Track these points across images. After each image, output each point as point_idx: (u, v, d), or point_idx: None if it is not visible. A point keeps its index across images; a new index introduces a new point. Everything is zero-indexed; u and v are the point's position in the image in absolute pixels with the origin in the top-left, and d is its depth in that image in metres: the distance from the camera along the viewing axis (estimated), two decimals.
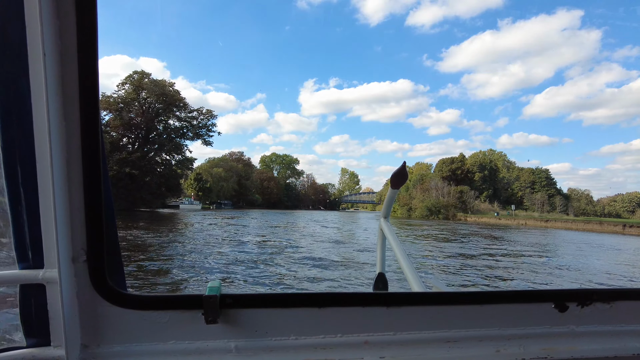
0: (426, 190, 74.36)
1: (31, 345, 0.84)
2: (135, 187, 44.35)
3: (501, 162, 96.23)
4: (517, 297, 0.97)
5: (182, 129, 52.55)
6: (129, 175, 43.52)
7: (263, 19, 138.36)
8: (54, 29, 0.74)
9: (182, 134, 52.58)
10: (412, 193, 76.51)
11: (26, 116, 0.75)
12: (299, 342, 0.90)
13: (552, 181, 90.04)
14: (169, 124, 51.96)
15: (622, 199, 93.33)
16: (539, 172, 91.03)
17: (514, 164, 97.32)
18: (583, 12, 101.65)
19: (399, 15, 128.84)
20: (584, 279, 11.58)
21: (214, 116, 53.86)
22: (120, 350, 0.87)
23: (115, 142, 45.61)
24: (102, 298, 0.86)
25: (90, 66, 0.77)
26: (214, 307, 0.86)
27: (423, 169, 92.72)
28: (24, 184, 0.78)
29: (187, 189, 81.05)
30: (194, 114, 52.67)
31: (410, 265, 1.51)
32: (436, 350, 0.92)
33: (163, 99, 48.58)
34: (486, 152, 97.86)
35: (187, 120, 52.23)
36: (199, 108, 53.05)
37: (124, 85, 47.90)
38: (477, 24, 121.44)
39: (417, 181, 79.68)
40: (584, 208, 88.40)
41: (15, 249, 0.81)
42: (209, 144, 53.97)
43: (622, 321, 0.99)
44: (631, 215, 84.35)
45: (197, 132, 53.03)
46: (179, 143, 52.34)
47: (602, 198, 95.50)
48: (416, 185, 77.53)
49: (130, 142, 49.52)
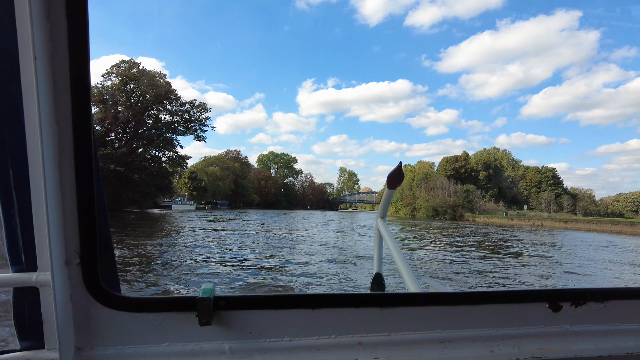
0: (430, 190, 71.25)
1: (25, 348, 0.84)
2: (121, 185, 40.69)
3: (506, 160, 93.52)
4: (511, 297, 0.97)
5: (173, 124, 48.55)
6: (114, 172, 39.88)
7: (262, 19, 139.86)
8: (44, 32, 0.73)
9: (173, 128, 48.51)
10: (416, 192, 73.40)
11: (18, 119, 0.74)
12: (293, 343, 0.90)
13: (558, 180, 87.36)
14: (159, 118, 47.99)
15: (625, 199, 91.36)
16: (545, 170, 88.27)
17: (519, 162, 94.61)
18: (582, 13, 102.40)
19: (397, 15, 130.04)
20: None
21: (207, 109, 49.86)
22: (114, 353, 0.87)
23: (100, 137, 41.86)
24: (95, 300, 0.86)
25: (81, 69, 0.77)
26: (208, 309, 0.86)
27: (426, 168, 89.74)
28: (16, 187, 0.78)
29: (181, 189, 77.58)
30: (186, 107, 48.67)
31: (406, 265, 1.54)
32: (430, 350, 0.92)
33: (153, 90, 44.81)
34: (490, 151, 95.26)
35: (178, 114, 48.33)
36: (192, 100, 49.04)
37: (110, 75, 44.09)
38: (475, 25, 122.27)
39: (421, 180, 76.57)
40: (587, 208, 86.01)
41: (8, 252, 0.81)
42: (202, 139, 49.81)
43: (616, 320, 1.00)
44: (635, 215, 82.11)
45: (190, 126, 49.00)
46: (170, 138, 48.49)
47: (604, 198, 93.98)
48: (420, 185, 74.42)
49: (116, 137, 45.73)
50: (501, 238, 26.24)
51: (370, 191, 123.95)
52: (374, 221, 2.05)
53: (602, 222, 42.21)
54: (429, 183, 73.92)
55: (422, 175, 78.49)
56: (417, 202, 71.21)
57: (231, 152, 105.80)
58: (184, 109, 48.69)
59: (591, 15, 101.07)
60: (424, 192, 71.43)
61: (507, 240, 24.31)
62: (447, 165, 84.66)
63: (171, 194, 69.91)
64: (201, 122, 49.38)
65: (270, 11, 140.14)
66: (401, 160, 1.44)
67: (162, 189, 48.91)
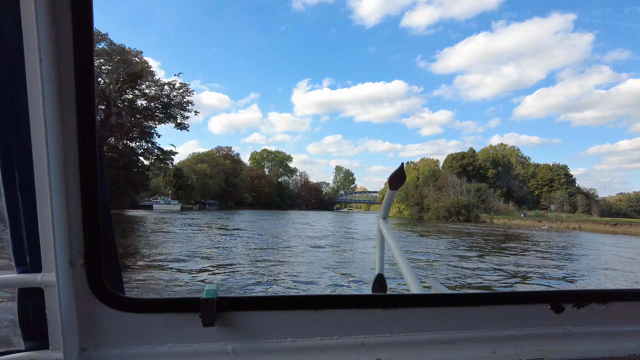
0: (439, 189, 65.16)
1: (29, 348, 0.84)
2: None
3: (515, 157, 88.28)
4: (513, 298, 0.98)
5: (149, 109, 41.40)
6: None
7: (259, 19, 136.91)
8: (50, 34, 0.74)
9: (149, 115, 41.36)
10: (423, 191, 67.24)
11: (23, 121, 0.75)
12: (296, 345, 0.91)
13: (571, 178, 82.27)
14: (134, 103, 40.90)
15: (627, 198, 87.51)
16: (557, 168, 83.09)
17: (528, 159, 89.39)
18: (576, 15, 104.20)
19: (394, 16, 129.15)
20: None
21: (190, 92, 42.67)
22: (118, 353, 0.87)
23: None
24: (99, 301, 0.86)
25: (86, 71, 0.78)
26: (211, 310, 0.86)
27: (430, 165, 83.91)
28: (21, 188, 0.78)
29: (165, 187, 70.44)
30: (165, 88, 41.57)
31: (408, 267, 1.54)
32: (433, 351, 0.92)
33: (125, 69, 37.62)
34: (497, 147, 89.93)
35: (156, 97, 41.19)
36: (171, 81, 41.92)
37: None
38: (471, 26, 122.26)
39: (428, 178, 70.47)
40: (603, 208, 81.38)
41: (13, 253, 0.81)
42: (184, 127, 42.59)
43: (618, 322, 1.00)
44: (639, 215, 77.84)
45: (169, 111, 41.80)
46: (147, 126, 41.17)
47: (606, 197, 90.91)
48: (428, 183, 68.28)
49: None
50: (587, 251, 20.36)
51: (366, 191, 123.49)
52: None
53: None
54: (437, 181, 67.75)
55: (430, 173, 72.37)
56: (426, 201, 64.99)
57: (222, 149, 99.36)
58: (164, 93, 41.60)
59: (586, 18, 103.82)
60: (432, 191, 65.26)
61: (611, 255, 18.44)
62: (453, 162, 78.96)
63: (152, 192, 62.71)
64: (182, 107, 42.16)
65: (267, 11, 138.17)
66: (403, 162, 1.53)
67: (136, 186, 41.45)
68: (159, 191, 68.88)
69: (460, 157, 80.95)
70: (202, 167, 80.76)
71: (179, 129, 42.96)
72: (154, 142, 42.50)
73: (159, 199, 61.41)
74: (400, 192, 72.02)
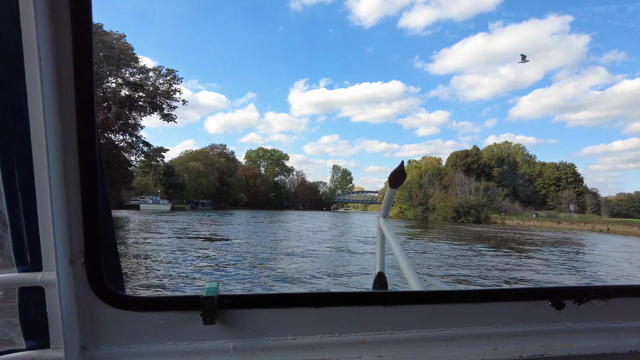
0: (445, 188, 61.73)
1: (30, 347, 0.84)
2: None
3: (520, 156, 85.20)
4: (514, 295, 0.97)
5: (132, 99, 37.45)
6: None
7: (256, 19, 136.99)
8: (49, 33, 0.74)
9: (132, 105, 37.37)
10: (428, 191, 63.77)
11: (23, 120, 0.75)
12: (297, 342, 0.90)
13: (578, 177, 79.32)
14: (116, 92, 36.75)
15: (628, 199, 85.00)
16: (564, 167, 80.00)
17: (534, 158, 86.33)
18: (573, 17, 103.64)
19: (392, 17, 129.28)
20: None
21: (178, 79, 38.68)
22: (119, 352, 0.87)
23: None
24: (100, 300, 0.86)
25: (85, 70, 0.77)
26: (212, 308, 0.86)
27: (433, 164, 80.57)
28: (21, 187, 0.78)
29: (155, 185, 66.39)
30: (151, 75, 37.61)
31: (409, 265, 1.54)
32: (434, 348, 0.92)
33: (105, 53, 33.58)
34: (501, 145, 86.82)
35: (139, 85, 37.21)
36: (157, 67, 38.02)
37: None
38: (469, 27, 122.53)
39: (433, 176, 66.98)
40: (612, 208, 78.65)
41: (13, 252, 0.81)
42: (171, 118, 38.63)
43: (619, 318, 1.00)
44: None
45: (155, 101, 37.77)
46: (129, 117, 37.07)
47: (606, 197, 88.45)
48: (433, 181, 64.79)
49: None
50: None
51: (363, 191, 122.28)
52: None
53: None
54: (443, 180, 64.28)
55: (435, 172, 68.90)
56: (431, 201, 61.53)
57: (216, 147, 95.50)
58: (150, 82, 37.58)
59: (582, 20, 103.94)
60: (437, 191, 61.79)
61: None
62: (457, 160, 75.65)
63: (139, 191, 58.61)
64: (168, 95, 38.10)
65: (265, 11, 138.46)
66: (403, 160, 1.59)
67: (117, 184, 37.30)
68: (148, 190, 64.85)
69: (465, 155, 77.68)
70: (194, 164, 76.83)
71: (166, 120, 38.91)
72: (139, 136, 38.55)
73: (146, 198, 57.42)
74: (403, 192, 68.68)
